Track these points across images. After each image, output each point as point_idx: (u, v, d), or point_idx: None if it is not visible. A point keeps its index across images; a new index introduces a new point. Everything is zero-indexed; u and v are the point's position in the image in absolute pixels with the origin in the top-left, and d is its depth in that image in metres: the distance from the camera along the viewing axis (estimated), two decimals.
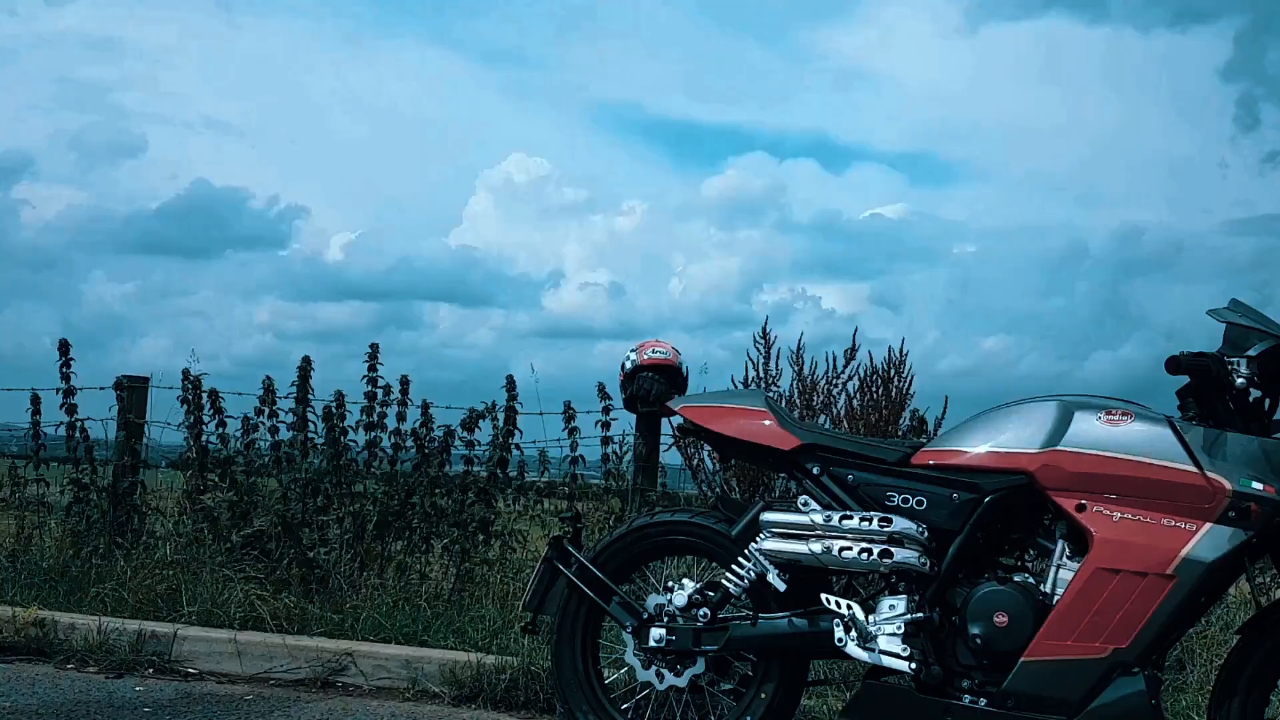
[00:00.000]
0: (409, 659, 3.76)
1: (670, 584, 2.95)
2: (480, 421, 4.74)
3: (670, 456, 4.75)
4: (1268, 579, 3.02)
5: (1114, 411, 2.54)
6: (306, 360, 4.91)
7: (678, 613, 2.88)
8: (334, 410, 4.78)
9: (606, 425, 4.76)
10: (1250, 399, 2.49)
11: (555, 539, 3.11)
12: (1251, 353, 2.42)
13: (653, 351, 3.12)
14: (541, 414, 4.78)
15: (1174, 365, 2.47)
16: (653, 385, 3.08)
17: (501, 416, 4.76)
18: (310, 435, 4.84)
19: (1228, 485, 2.36)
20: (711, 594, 2.87)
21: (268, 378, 4.94)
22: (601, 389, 4.75)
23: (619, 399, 3.36)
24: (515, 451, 4.78)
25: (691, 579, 2.98)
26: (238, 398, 4.97)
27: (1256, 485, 2.35)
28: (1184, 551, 2.36)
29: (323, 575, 4.51)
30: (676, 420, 3.12)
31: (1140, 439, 2.48)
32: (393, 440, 4.83)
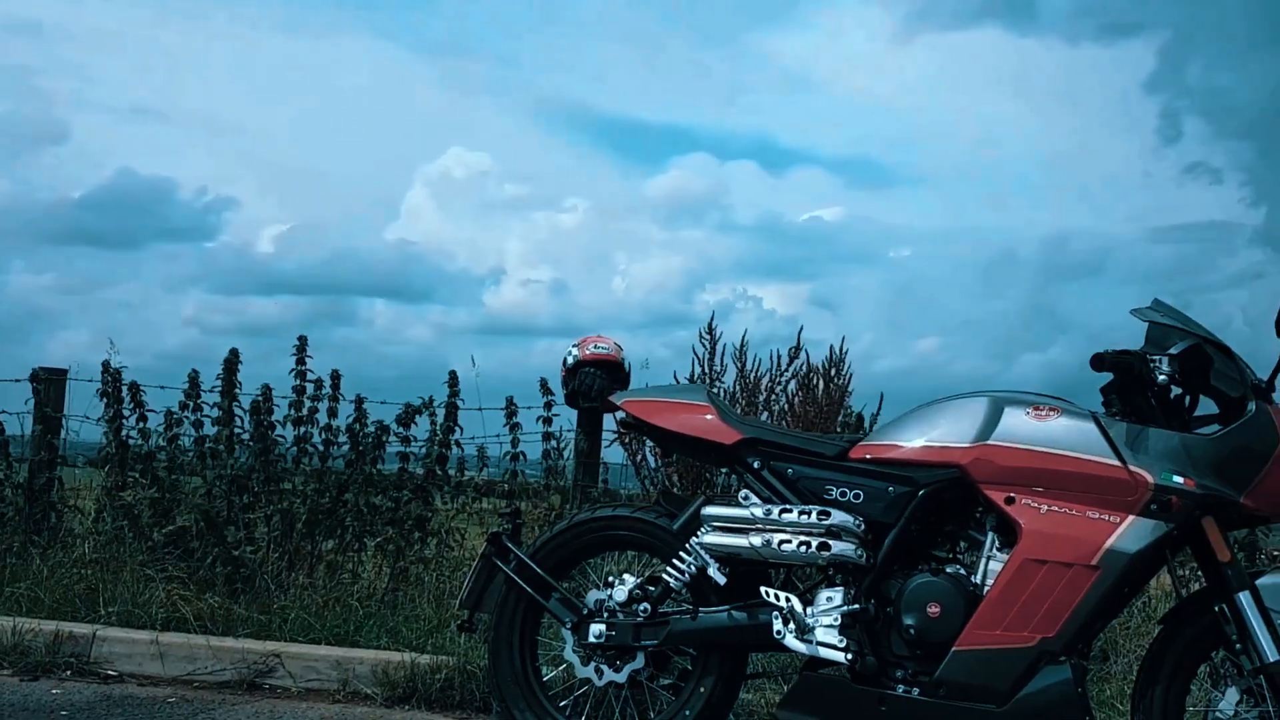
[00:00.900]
0: (340, 660, 3.79)
1: (611, 579, 3.04)
2: (416, 417, 4.79)
3: (612, 453, 4.83)
4: (1188, 571, 3.21)
5: (1041, 407, 2.70)
6: (234, 352, 4.90)
7: (618, 608, 2.96)
8: (261, 404, 4.79)
9: (548, 421, 4.83)
10: (1171, 395, 2.66)
11: (494, 535, 3.16)
12: (1173, 351, 2.59)
13: (595, 347, 3.20)
14: (482, 410, 4.84)
15: (1098, 362, 2.64)
16: (595, 381, 3.17)
17: (442, 411, 4.80)
18: (236, 430, 4.84)
19: (1150, 479, 2.53)
20: (652, 589, 2.96)
21: (193, 371, 4.93)
22: (543, 384, 4.81)
23: (561, 395, 3.44)
24: (455, 448, 4.83)
25: (632, 574, 3.06)
26: (160, 392, 4.97)
27: (1177, 479, 2.52)
28: (1108, 543, 2.53)
29: (249, 575, 4.52)
30: (619, 415, 3.19)
31: (1066, 433, 2.64)
32: (324, 436, 4.85)
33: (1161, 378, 2.60)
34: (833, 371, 4.74)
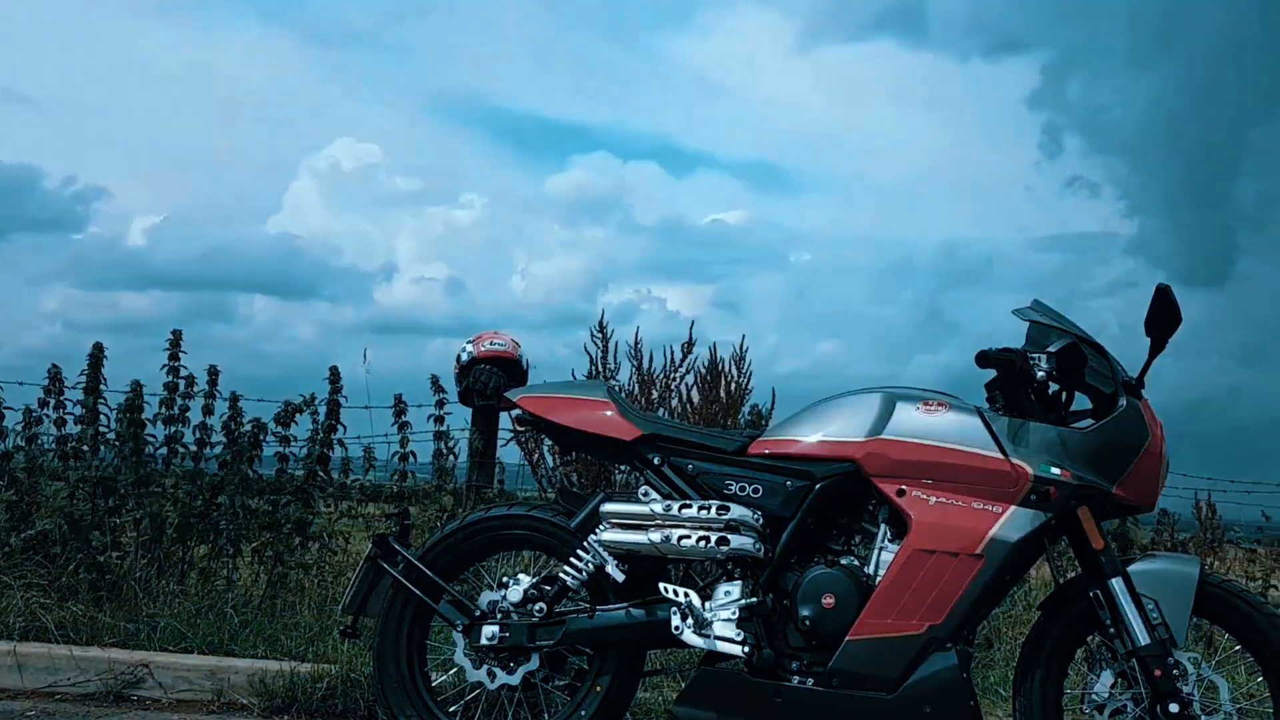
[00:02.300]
0: (213, 669, 3.75)
1: (505, 580, 3.06)
2: (297, 416, 4.73)
3: (508, 453, 4.82)
4: (1066, 561, 3.43)
5: (931, 402, 2.87)
6: (98, 347, 4.76)
7: (512, 609, 3.00)
8: (131, 401, 4.67)
9: (440, 420, 4.82)
10: (1050, 392, 2.86)
11: (380, 537, 3.16)
12: (1051, 349, 2.78)
13: (491, 343, 3.23)
14: (369, 408, 4.80)
15: (983, 359, 2.83)
16: (490, 378, 3.20)
17: (323, 409, 4.75)
18: (102, 429, 4.72)
19: (1030, 470, 2.73)
20: (548, 588, 3.01)
21: (54, 366, 4.78)
22: (435, 381, 4.80)
23: (454, 393, 3.44)
24: (338, 448, 4.78)
25: (528, 575, 3.10)
26: (19, 388, 4.79)
27: (1055, 470, 2.72)
28: (991, 532, 2.71)
29: (114, 581, 4.41)
30: (515, 412, 3.22)
31: (953, 428, 2.82)
32: (197, 435, 4.76)
33: (1040, 374, 2.79)
34: (734, 369, 4.87)
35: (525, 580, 3.05)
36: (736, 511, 2.85)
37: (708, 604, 2.88)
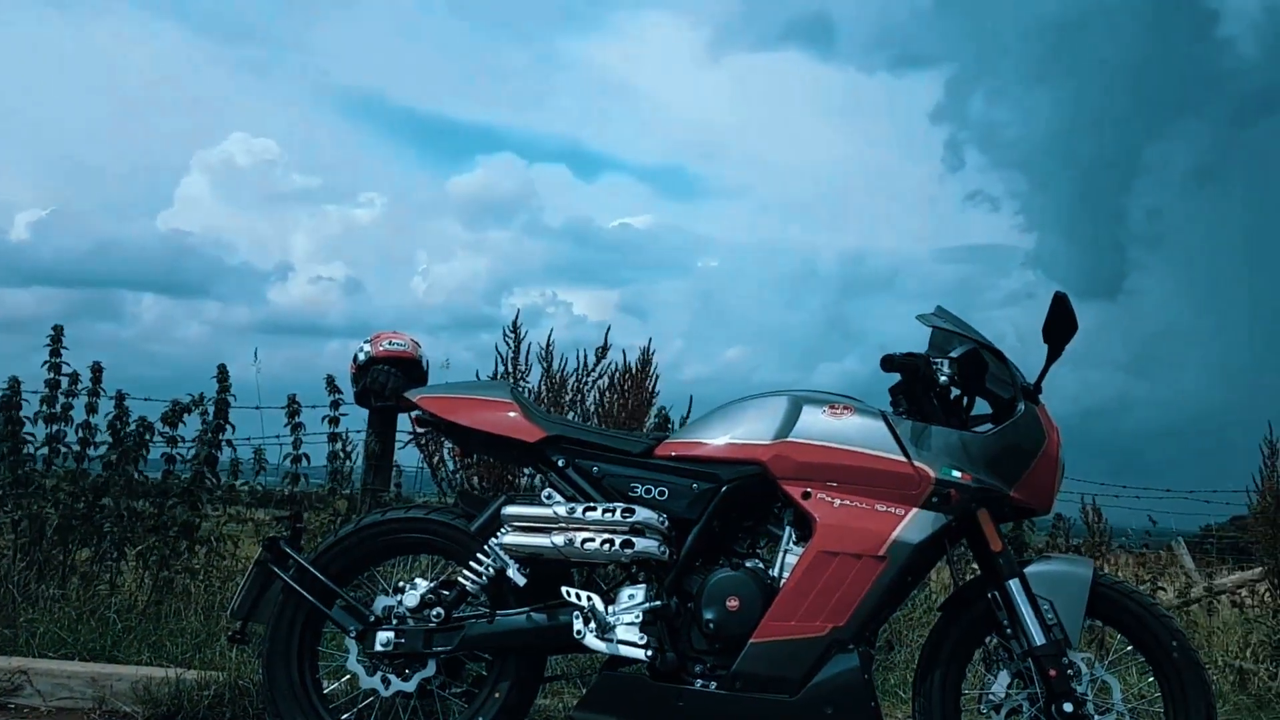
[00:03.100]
0: (95, 676, 3.63)
1: (401, 585, 3.00)
2: (185, 415, 4.58)
3: (406, 456, 4.77)
4: (965, 564, 3.49)
5: (836, 406, 2.89)
6: None
7: (408, 614, 2.93)
8: (8, 399, 4.47)
9: (335, 421, 4.73)
10: (952, 396, 2.90)
11: (270, 540, 3.08)
12: (953, 354, 2.82)
13: (389, 343, 3.15)
14: (260, 408, 4.69)
15: (887, 363, 2.86)
16: (388, 379, 3.12)
17: (212, 409, 4.62)
18: None
19: (931, 473, 2.76)
20: (446, 593, 2.95)
21: None
22: (330, 382, 4.70)
23: (350, 393, 3.37)
24: (227, 449, 4.66)
25: (426, 579, 3.03)
26: None
27: (956, 473, 2.76)
28: (894, 534, 2.73)
29: None
30: (414, 413, 3.15)
31: (858, 431, 2.83)
32: (80, 435, 4.58)
33: (943, 379, 2.83)
34: (641, 372, 4.84)
35: (422, 585, 2.99)
36: (642, 514, 2.82)
37: (611, 608, 2.84)
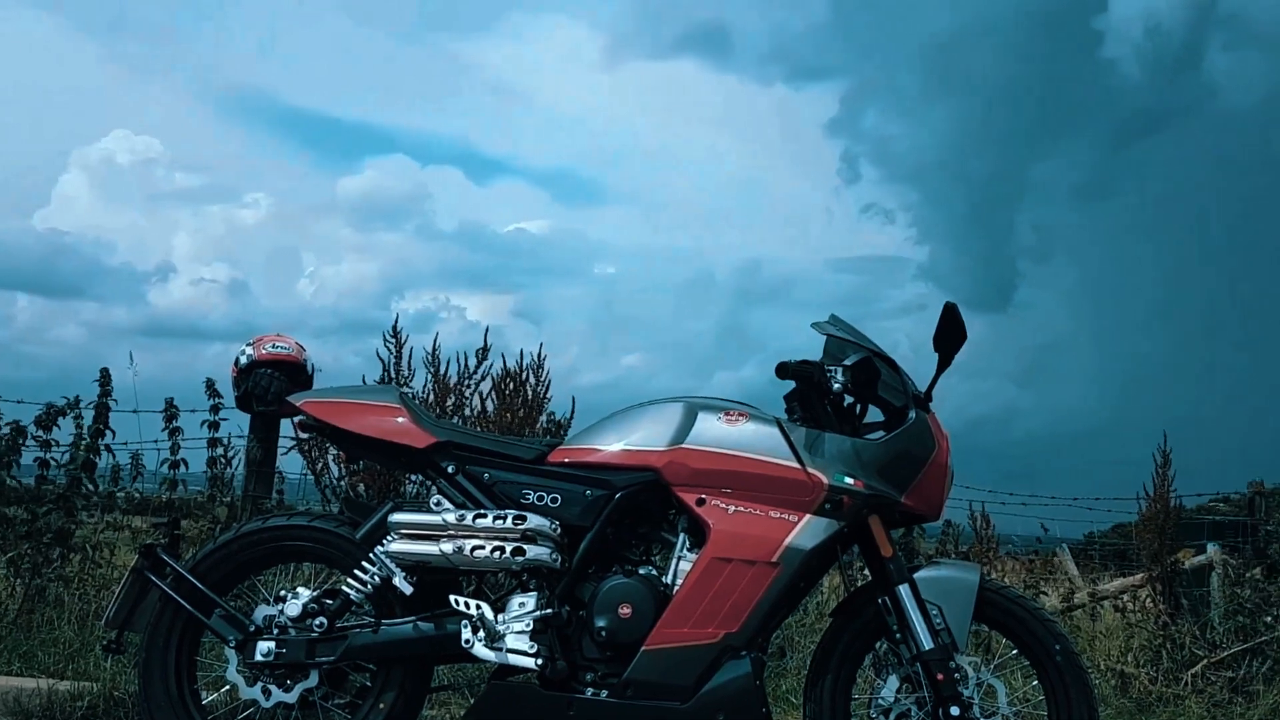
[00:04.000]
0: None
1: (283, 593, 2.93)
2: (60, 419, 4.40)
3: (289, 463, 4.65)
4: (856, 571, 3.53)
5: (732, 413, 2.89)
6: None
7: (290, 624, 2.87)
8: None
9: (215, 426, 4.61)
10: (845, 404, 2.93)
11: (147, 547, 3.00)
12: (847, 362, 2.85)
13: (273, 346, 3.09)
14: (138, 412, 4.54)
15: (782, 371, 2.87)
16: (271, 382, 3.06)
17: (90, 413, 4.45)
18: None
19: (825, 480, 2.77)
20: (330, 602, 2.89)
21: None
22: (210, 385, 4.58)
23: (232, 398, 3.28)
24: (105, 455, 4.49)
25: (309, 588, 2.97)
26: None
27: (849, 480, 2.78)
28: (787, 541, 2.73)
29: None
30: (298, 418, 3.09)
31: (753, 438, 2.84)
32: None
33: (836, 386, 2.85)
34: (530, 376, 4.80)
35: (305, 594, 2.92)
36: (533, 521, 2.79)
37: (500, 616, 2.80)
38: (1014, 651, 2.91)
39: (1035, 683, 2.88)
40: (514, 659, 2.76)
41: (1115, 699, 4.86)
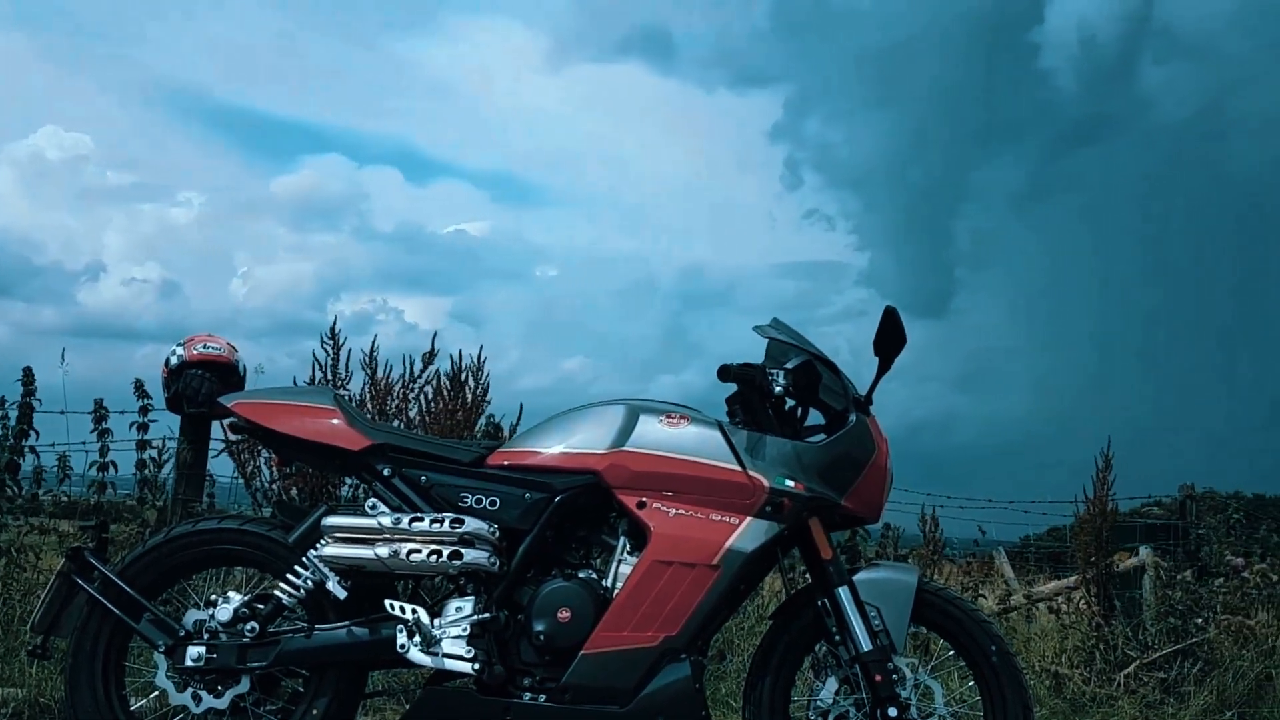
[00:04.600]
0: None
1: (214, 598, 2.89)
2: None
3: (220, 466, 4.58)
4: (797, 570, 3.55)
5: (673, 415, 2.89)
6: None
7: (221, 629, 2.83)
8: None
9: (144, 428, 4.53)
10: (787, 407, 2.94)
11: (74, 550, 2.94)
12: (788, 366, 2.86)
13: (204, 346, 3.06)
14: (65, 413, 4.43)
15: (724, 373, 2.88)
16: (202, 383, 3.03)
17: (14, 413, 4.34)
18: None
19: (766, 482, 2.78)
20: (261, 606, 2.85)
21: None
22: (139, 386, 4.50)
23: (161, 399, 3.23)
24: (30, 456, 4.39)
25: (240, 593, 2.93)
26: None
27: (789, 483, 2.79)
28: (728, 543, 2.74)
29: None
30: (230, 419, 3.05)
31: (694, 440, 2.84)
32: None
33: (778, 389, 2.86)
34: (470, 379, 4.76)
35: (236, 598, 2.88)
36: (471, 524, 2.76)
37: (437, 621, 2.78)
38: (951, 652, 2.94)
39: (971, 683, 2.92)
40: (450, 664, 2.74)
41: (1050, 699, 4.94)
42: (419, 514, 2.80)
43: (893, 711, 2.74)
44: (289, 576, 2.85)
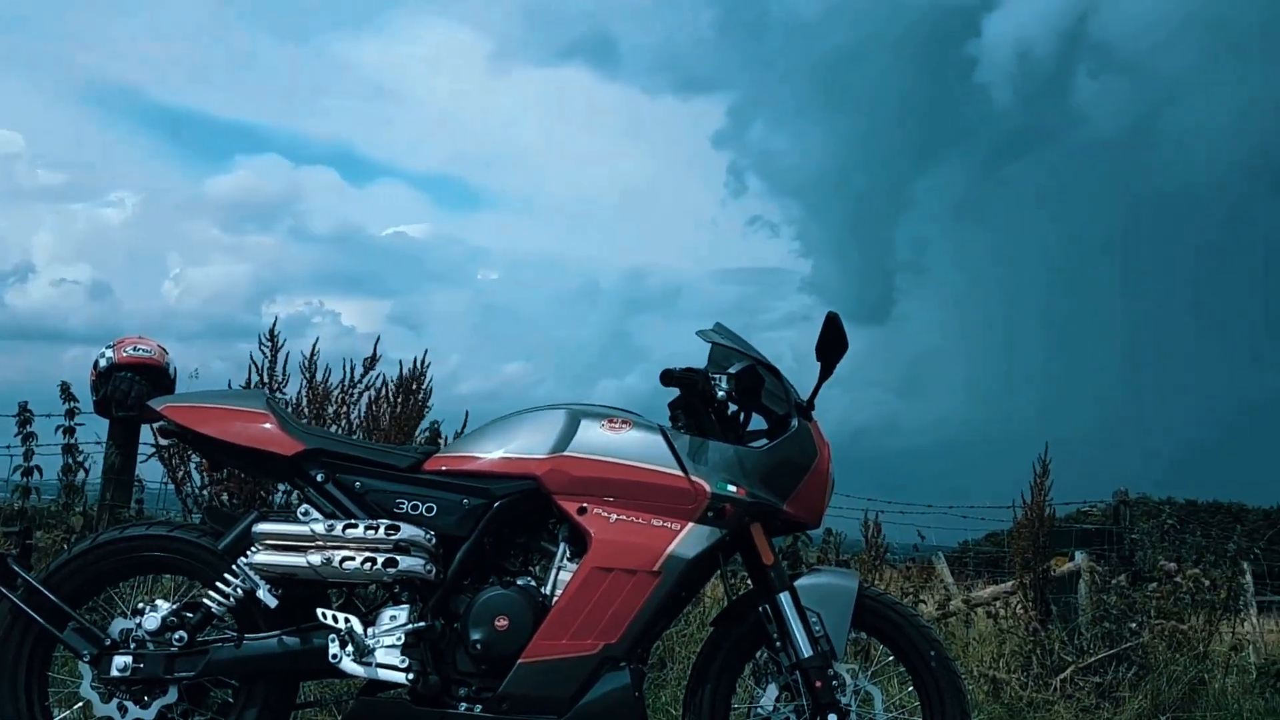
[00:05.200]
0: None
1: (141, 606, 2.82)
2: None
3: (149, 470, 4.48)
4: (738, 577, 3.54)
5: (615, 420, 2.86)
6: None
7: (148, 638, 2.77)
8: None
9: (70, 432, 4.40)
10: (729, 412, 2.92)
11: None
12: (731, 370, 2.85)
13: (134, 349, 3.00)
14: None
15: (666, 378, 2.85)
16: (132, 386, 2.96)
17: None
18: None
19: (708, 488, 2.76)
20: (190, 615, 2.79)
21: None
22: (65, 389, 4.37)
23: (89, 402, 3.16)
24: None
25: (168, 601, 2.86)
26: None
27: (731, 488, 2.77)
28: (669, 549, 2.71)
29: None
30: (159, 423, 2.99)
31: (636, 445, 2.81)
32: None
33: (721, 394, 2.84)
34: (413, 384, 4.69)
35: (164, 606, 2.81)
36: (407, 531, 2.71)
37: (370, 630, 2.72)
38: (891, 658, 2.95)
39: (911, 689, 2.92)
40: (384, 674, 2.68)
41: (988, 704, 4.98)
42: (353, 520, 2.75)
43: (833, 718, 2.73)
44: (218, 584, 2.79)
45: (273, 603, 2.74)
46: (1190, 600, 5.89)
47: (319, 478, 2.84)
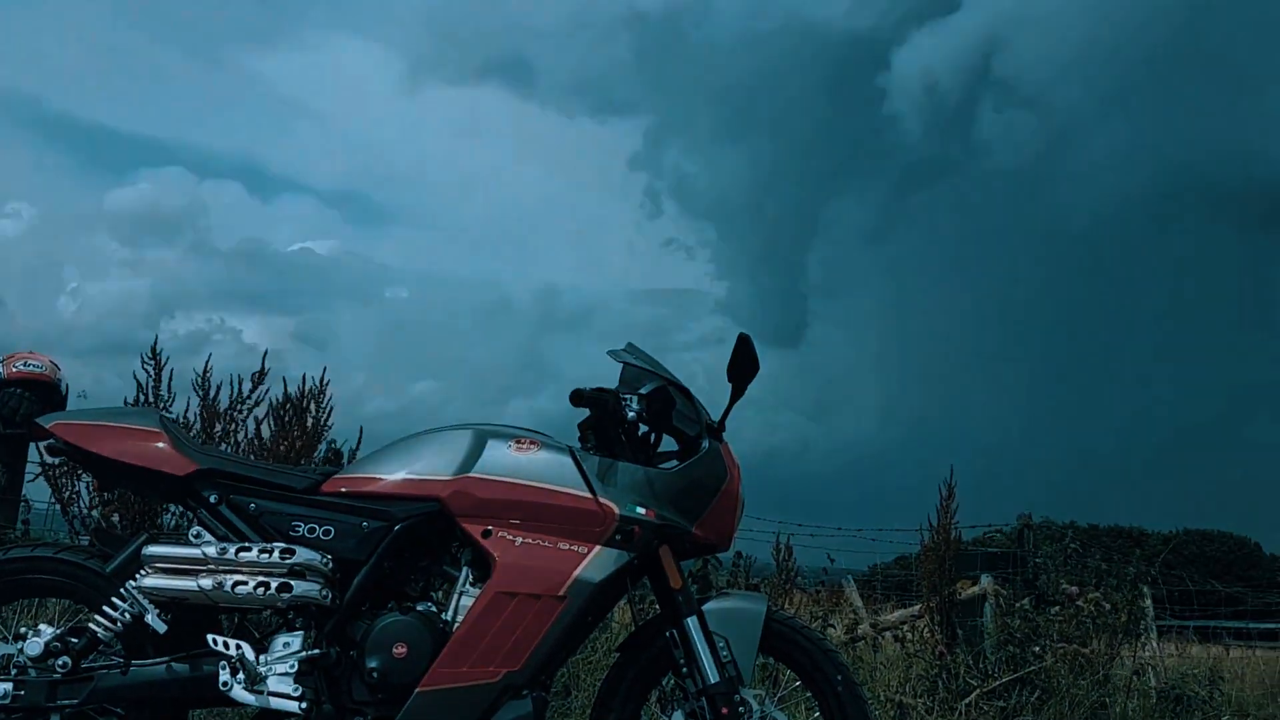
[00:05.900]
0: None
1: (23, 630, 2.72)
2: None
3: (36, 490, 4.31)
4: (647, 602, 3.50)
5: (523, 440, 2.81)
6: None
7: (30, 664, 2.65)
8: None
9: None
10: (640, 433, 2.89)
11: None
12: (642, 391, 2.81)
13: (24, 364, 2.91)
14: None
15: (576, 398, 2.81)
16: (20, 402, 2.87)
17: None
18: None
19: (616, 510, 2.71)
20: (75, 640, 2.68)
21: None
22: None
23: None
24: None
25: (52, 625, 2.76)
26: None
27: (640, 510, 2.73)
28: (575, 573, 2.65)
29: None
30: (48, 441, 2.85)
31: (544, 466, 2.76)
32: None
33: (631, 415, 2.81)
34: (310, 403, 4.58)
35: (47, 631, 2.70)
36: (302, 555, 2.63)
37: (263, 657, 2.62)
38: (799, 683, 2.93)
39: (818, 715, 2.90)
40: (275, 702, 2.59)
41: None
42: (246, 544, 2.66)
43: None
44: (105, 609, 2.69)
45: (162, 628, 2.65)
46: (1092, 624, 6.00)
47: (212, 499, 2.75)
